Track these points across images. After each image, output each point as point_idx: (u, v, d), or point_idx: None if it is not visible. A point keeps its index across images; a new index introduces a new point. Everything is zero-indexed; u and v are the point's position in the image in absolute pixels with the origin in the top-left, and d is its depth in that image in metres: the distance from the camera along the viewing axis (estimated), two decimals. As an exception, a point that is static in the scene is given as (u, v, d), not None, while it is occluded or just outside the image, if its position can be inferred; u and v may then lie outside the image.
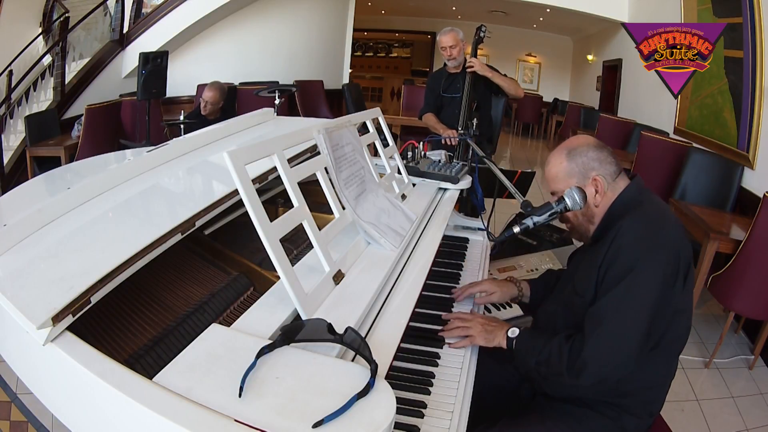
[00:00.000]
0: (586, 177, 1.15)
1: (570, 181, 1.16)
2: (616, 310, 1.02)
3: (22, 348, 0.83)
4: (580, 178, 1.16)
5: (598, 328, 1.02)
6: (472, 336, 1.19)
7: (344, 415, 0.64)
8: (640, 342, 1.02)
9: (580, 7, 6.37)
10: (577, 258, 1.33)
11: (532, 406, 1.27)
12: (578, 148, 1.16)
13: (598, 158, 1.15)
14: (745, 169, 3.19)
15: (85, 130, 4.06)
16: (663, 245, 1.04)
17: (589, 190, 1.15)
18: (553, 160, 1.20)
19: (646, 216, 1.08)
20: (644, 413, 1.16)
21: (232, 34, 6.00)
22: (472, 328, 1.20)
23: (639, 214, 1.08)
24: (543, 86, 10.74)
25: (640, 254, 1.03)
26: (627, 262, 1.03)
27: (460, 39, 2.90)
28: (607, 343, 1.02)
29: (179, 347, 0.82)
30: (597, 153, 1.16)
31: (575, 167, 1.16)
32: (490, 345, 1.18)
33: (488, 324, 1.21)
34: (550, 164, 1.20)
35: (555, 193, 1.20)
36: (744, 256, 2.36)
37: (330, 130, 1.22)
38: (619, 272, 1.04)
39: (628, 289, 1.02)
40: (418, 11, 10.56)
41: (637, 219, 1.07)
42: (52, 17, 5.18)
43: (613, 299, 1.03)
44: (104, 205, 1.20)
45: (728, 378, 2.43)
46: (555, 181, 1.19)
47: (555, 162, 1.19)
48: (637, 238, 1.04)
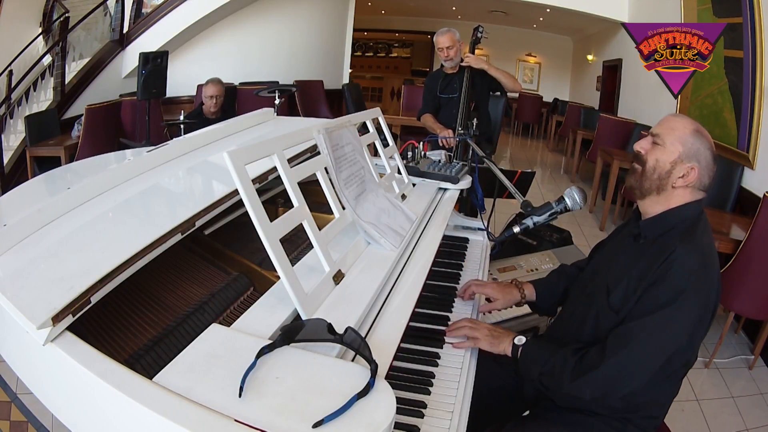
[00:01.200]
0: (689, 158, 1.10)
1: (676, 145, 1.11)
2: (645, 340, 1.01)
3: (22, 348, 0.83)
4: (685, 153, 1.10)
5: (623, 350, 1.02)
6: (478, 338, 1.18)
7: (344, 415, 0.64)
8: (653, 371, 1.03)
9: (580, 7, 6.37)
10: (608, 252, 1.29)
11: (538, 412, 1.26)
12: (705, 139, 1.12)
13: (707, 161, 1.11)
14: (745, 169, 3.19)
15: (85, 130, 4.06)
16: (705, 286, 1.03)
17: (680, 169, 1.11)
18: (683, 119, 1.15)
19: (701, 250, 1.05)
20: (649, 426, 1.16)
21: (232, 34, 6.00)
22: (479, 331, 1.19)
23: (696, 245, 1.06)
24: (543, 86, 10.74)
25: (686, 289, 1.01)
26: (671, 292, 1.01)
27: (457, 39, 2.90)
28: (626, 368, 1.02)
29: (179, 347, 0.82)
30: (711, 159, 1.12)
31: (690, 143, 1.10)
32: (495, 351, 1.17)
33: (495, 330, 1.20)
34: (677, 118, 1.15)
35: (656, 135, 1.15)
36: (744, 256, 2.36)
37: (330, 130, 1.22)
38: (661, 299, 1.02)
39: (663, 322, 1.01)
40: (418, 11, 10.57)
41: (693, 250, 1.04)
42: (52, 17, 5.18)
43: (646, 327, 1.02)
44: (104, 205, 1.20)
45: (728, 378, 2.43)
46: (669, 131, 1.13)
47: (683, 122, 1.14)
48: (689, 272, 1.02)
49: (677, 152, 1.11)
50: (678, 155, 1.11)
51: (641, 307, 1.04)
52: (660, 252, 1.06)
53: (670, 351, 1.02)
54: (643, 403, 1.13)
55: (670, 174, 1.12)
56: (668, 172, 1.12)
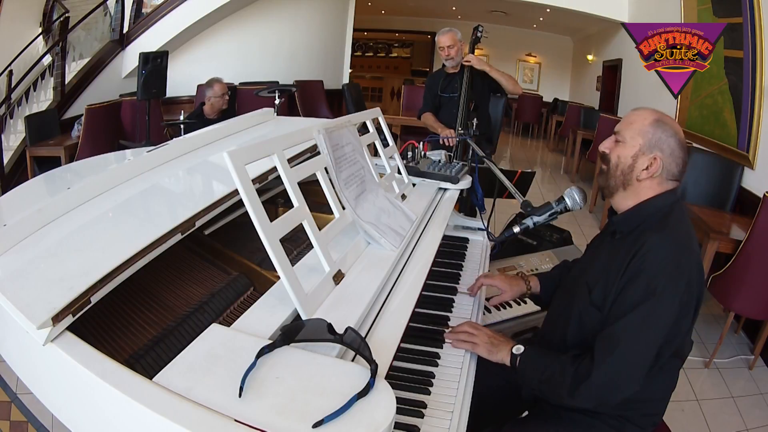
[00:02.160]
0: (650, 149, 1.10)
1: (636, 137, 1.11)
2: (631, 339, 1.01)
3: (22, 348, 0.83)
4: (646, 144, 1.11)
5: (610, 356, 1.01)
6: (477, 344, 1.18)
7: (344, 415, 0.64)
8: (646, 369, 1.02)
9: (580, 7, 6.37)
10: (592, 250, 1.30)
11: (536, 412, 1.27)
12: (667, 126, 1.11)
13: (671, 149, 1.10)
14: (745, 169, 3.19)
15: (85, 130, 4.06)
16: (684, 273, 1.02)
17: (642, 161, 1.11)
18: (642, 111, 1.15)
19: (673, 237, 1.05)
20: (647, 423, 1.16)
21: (232, 34, 6.00)
22: (478, 336, 1.19)
23: (668, 234, 1.05)
24: (543, 86, 10.73)
25: (663, 280, 1.01)
26: (648, 285, 1.01)
27: (458, 39, 2.91)
28: (617, 372, 1.01)
29: (179, 347, 0.82)
30: (676, 146, 1.11)
31: (651, 134, 1.10)
32: (492, 359, 1.17)
33: (494, 337, 1.19)
34: (637, 112, 1.15)
35: (617, 133, 1.16)
36: (744, 256, 2.36)
37: (330, 130, 1.22)
38: (639, 294, 1.02)
39: (645, 317, 1.00)
40: (418, 11, 10.56)
41: (665, 239, 1.04)
42: (52, 17, 5.18)
43: (629, 326, 1.01)
44: (104, 205, 1.20)
45: (728, 378, 2.43)
46: (628, 126, 1.14)
47: (642, 114, 1.14)
48: (662, 262, 1.02)
49: (638, 145, 1.11)
50: (639, 148, 1.11)
51: (621, 306, 1.04)
52: (633, 245, 1.06)
53: (658, 344, 1.01)
54: (640, 399, 1.12)
55: (633, 168, 1.12)
56: (630, 167, 1.12)
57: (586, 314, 1.14)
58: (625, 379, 1.01)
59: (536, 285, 1.45)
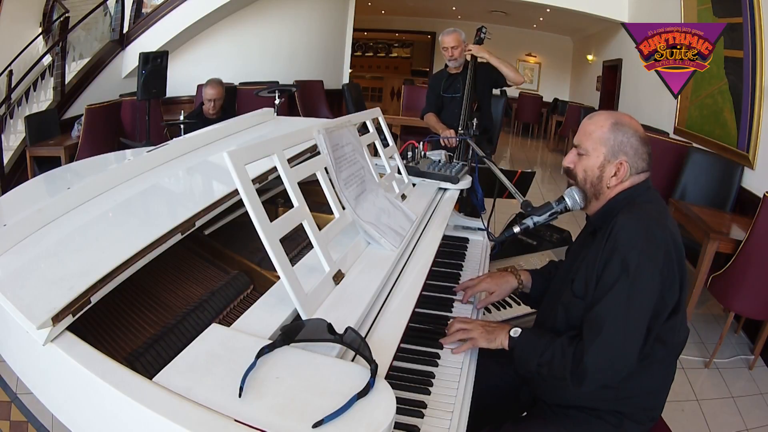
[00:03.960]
0: (615, 155, 1.12)
1: (598, 146, 1.13)
2: (616, 317, 1.00)
3: (22, 348, 0.83)
4: (609, 151, 1.12)
5: (598, 336, 1.01)
6: (474, 338, 1.17)
7: (344, 415, 0.65)
8: (639, 344, 1.02)
9: (580, 7, 6.36)
10: (574, 252, 1.32)
11: (535, 412, 1.26)
12: (625, 127, 1.12)
13: (635, 148, 1.12)
14: (745, 169, 3.19)
15: (85, 130, 4.06)
16: (659, 245, 1.03)
17: (609, 169, 1.12)
18: (597, 118, 1.15)
19: (642, 213, 1.06)
20: (646, 419, 1.16)
21: (232, 34, 6.00)
22: (473, 330, 1.18)
23: (635, 210, 1.06)
24: (543, 86, 10.73)
25: (636, 254, 1.01)
26: (623, 261, 1.01)
27: (462, 40, 2.91)
28: (608, 352, 1.00)
29: (179, 346, 0.82)
30: (638, 143, 1.12)
31: (612, 140, 1.12)
32: (492, 346, 1.17)
33: (489, 325, 1.20)
34: (592, 121, 1.16)
35: (578, 147, 1.17)
36: (744, 256, 2.36)
37: (330, 130, 1.22)
38: (615, 272, 1.02)
39: (626, 294, 1.00)
40: (418, 11, 10.56)
41: (633, 216, 1.05)
42: (52, 17, 5.18)
43: (612, 305, 1.01)
44: (104, 205, 1.20)
45: (728, 378, 2.43)
46: (587, 137, 1.15)
47: (598, 122, 1.14)
48: (632, 237, 1.02)
49: (601, 155, 1.13)
50: (603, 157, 1.12)
51: (602, 287, 1.04)
52: (607, 233, 1.07)
53: (646, 318, 1.01)
54: (637, 393, 1.12)
55: (601, 178, 1.14)
56: (599, 177, 1.14)
57: (571, 305, 1.14)
58: (618, 357, 1.01)
59: (528, 279, 1.44)
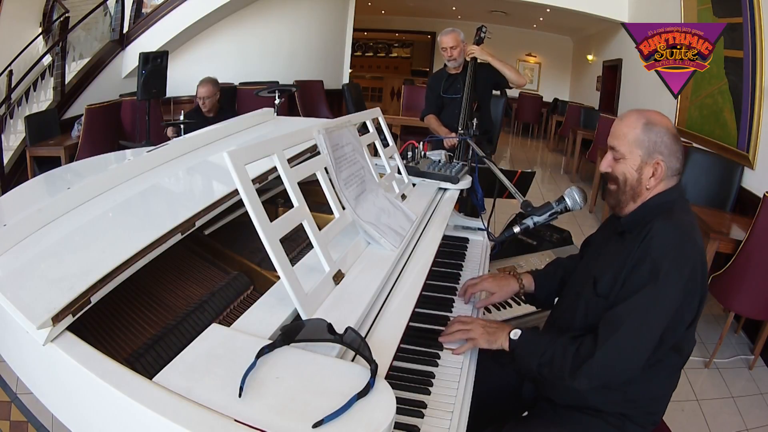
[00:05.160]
0: (651, 155, 1.11)
1: (634, 149, 1.11)
2: (635, 320, 1.01)
3: (22, 348, 0.83)
4: (645, 153, 1.11)
5: (613, 335, 1.01)
6: (474, 339, 1.17)
7: (344, 415, 0.64)
8: (649, 352, 1.02)
9: (580, 7, 6.36)
10: (595, 248, 1.30)
11: (537, 412, 1.26)
12: (658, 126, 1.11)
13: (669, 147, 1.11)
14: (745, 169, 3.19)
15: (85, 130, 4.06)
16: (689, 258, 1.03)
17: (647, 170, 1.11)
18: (629, 119, 1.14)
19: (678, 224, 1.05)
20: (648, 422, 1.16)
21: (232, 34, 6.00)
22: (473, 330, 1.18)
23: (672, 220, 1.06)
24: (543, 86, 10.73)
25: (667, 263, 1.01)
26: (652, 268, 1.02)
27: (461, 40, 2.91)
28: (620, 352, 1.01)
29: (179, 346, 0.82)
30: (671, 142, 1.11)
31: (646, 141, 1.11)
32: (493, 347, 1.16)
33: (489, 326, 1.19)
34: (624, 122, 1.14)
35: (613, 149, 1.16)
36: (744, 256, 2.36)
37: (330, 130, 1.22)
38: (644, 277, 1.02)
39: (649, 300, 1.01)
40: (418, 11, 10.56)
41: (670, 225, 1.05)
42: (52, 17, 5.18)
43: (634, 308, 1.02)
44: (104, 205, 1.20)
45: (728, 378, 2.43)
46: (620, 139, 1.14)
47: (630, 123, 1.13)
48: (666, 246, 1.02)
49: (638, 157, 1.12)
50: (640, 159, 1.12)
51: (627, 289, 1.05)
52: (640, 235, 1.07)
53: (661, 328, 1.02)
54: (642, 397, 1.13)
55: (640, 181, 1.13)
56: (638, 180, 1.13)
57: (593, 305, 1.14)
58: (627, 360, 1.01)
59: (530, 283, 1.43)
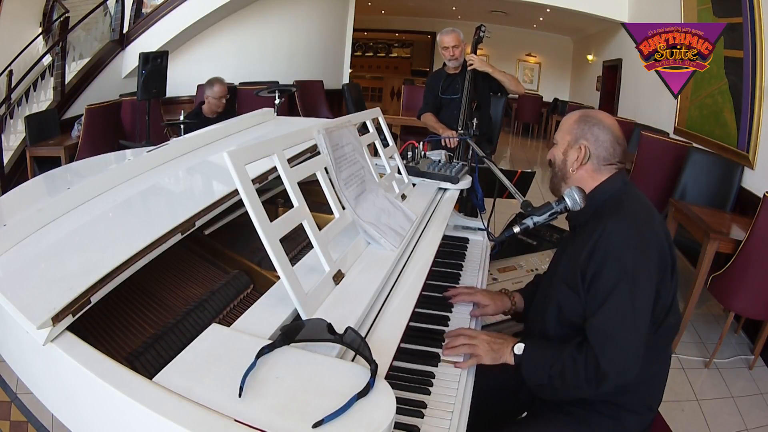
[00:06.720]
0: (576, 142, 1.21)
1: (565, 138, 1.24)
2: (622, 321, 1.03)
3: (22, 348, 0.83)
4: (572, 138, 1.22)
5: (608, 343, 1.03)
6: (479, 355, 1.16)
7: (344, 415, 0.64)
8: (645, 339, 1.05)
9: (580, 7, 6.37)
10: (558, 254, 1.34)
11: (534, 411, 1.26)
12: (593, 120, 1.21)
13: (598, 137, 1.20)
14: (745, 169, 3.19)
15: (85, 130, 4.06)
16: (650, 241, 1.07)
17: (572, 153, 1.22)
18: (570, 115, 1.27)
19: (630, 215, 1.10)
20: (643, 408, 1.16)
21: (232, 34, 6.00)
22: (479, 346, 1.17)
23: (623, 214, 1.09)
24: (543, 86, 10.74)
25: (632, 257, 1.04)
26: (619, 267, 1.04)
27: (462, 40, 2.91)
28: (622, 354, 1.03)
29: (179, 345, 0.82)
30: (603, 134, 1.20)
31: (576, 130, 1.22)
32: (497, 363, 1.16)
33: (494, 342, 1.18)
34: (565, 117, 1.28)
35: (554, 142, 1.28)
36: (744, 256, 2.36)
37: (330, 130, 1.22)
38: (613, 278, 1.04)
39: (629, 295, 1.03)
40: (418, 11, 10.56)
41: (623, 219, 1.08)
42: (52, 17, 5.18)
43: (615, 310, 1.03)
44: (104, 205, 1.20)
45: (728, 378, 2.43)
46: (559, 131, 1.27)
47: (570, 116, 1.26)
48: (625, 242, 1.05)
49: (566, 142, 1.23)
50: (567, 144, 1.23)
51: (601, 292, 1.06)
52: (594, 229, 1.10)
53: (648, 314, 1.05)
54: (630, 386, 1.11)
55: (565, 162, 1.23)
56: (564, 162, 1.24)
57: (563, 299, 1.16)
58: (631, 358, 1.04)
59: (520, 301, 1.45)
